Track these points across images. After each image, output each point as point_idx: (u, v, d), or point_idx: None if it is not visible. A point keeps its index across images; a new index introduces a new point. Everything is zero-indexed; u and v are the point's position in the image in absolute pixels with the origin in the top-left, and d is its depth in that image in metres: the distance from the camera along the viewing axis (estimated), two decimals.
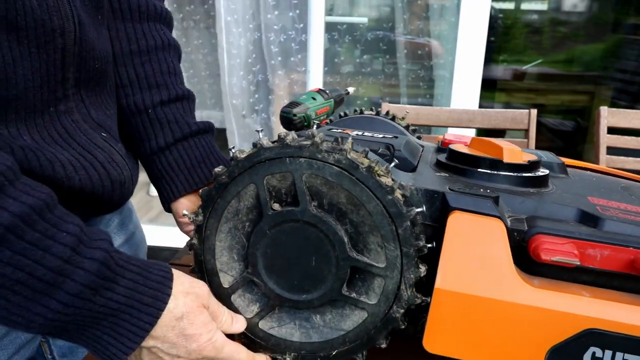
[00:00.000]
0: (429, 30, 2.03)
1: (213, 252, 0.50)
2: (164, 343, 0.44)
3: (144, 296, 0.43)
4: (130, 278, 0.43)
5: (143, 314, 0.42)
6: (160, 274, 0.45)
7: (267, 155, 0.45)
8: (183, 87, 0.71)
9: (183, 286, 0.46)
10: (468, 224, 0.41)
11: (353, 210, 0.45)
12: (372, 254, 0.45)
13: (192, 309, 0.45)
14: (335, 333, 0.48)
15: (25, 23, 0.44)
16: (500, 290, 0.38)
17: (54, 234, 0.39)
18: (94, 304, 0.40)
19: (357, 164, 0.43)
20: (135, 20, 0.66)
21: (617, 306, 0.37)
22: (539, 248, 0.39)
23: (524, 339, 0.38)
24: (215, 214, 0.48)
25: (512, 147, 0.51)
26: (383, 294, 0.45)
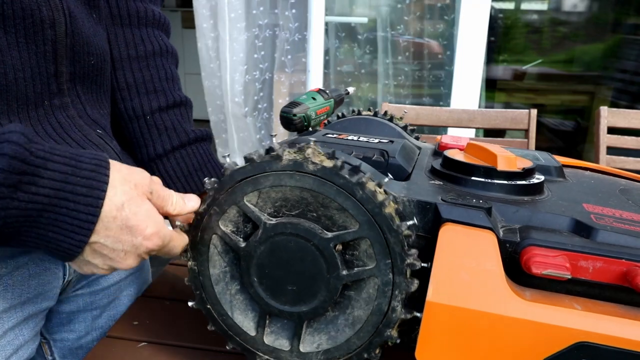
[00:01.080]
0: (429, 30, 2.02)
1: None
2: (107, 237, 0.42)
3: (76, 186, 0.40)
4: (55, 169, 0.39)
5: (81, 205, 0.40)
6: (93, 162, 0.42)
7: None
8: (181, 94, 0.72)
9: (120, 173, 0.43)
10: (460, 236, 0.41)
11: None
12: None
13: (132, 197, 0.42)
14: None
15: (13, 12, 0.45)
16: (492, 304, 0.38)
17: None
18: (19, 201, 0.38)
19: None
20: (133, 26, 0.66)
21: (608, 319, 0.37)
22: (530, 261, 0.39)
23: (515, 352, 0.38)
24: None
25: (506, 155, 0.51)
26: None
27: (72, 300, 0.67)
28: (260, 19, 2.06)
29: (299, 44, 2.06)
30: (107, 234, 0.42)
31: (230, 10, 2.02)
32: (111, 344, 0.58)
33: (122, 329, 0.62)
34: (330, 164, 0.43)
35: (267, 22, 2.07)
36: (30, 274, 0.56)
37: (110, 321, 0.70)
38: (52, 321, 0.67)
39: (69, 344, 0.69)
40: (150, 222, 0.43)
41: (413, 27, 2.02)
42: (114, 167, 0.43)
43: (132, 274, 0.74)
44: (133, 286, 0.74)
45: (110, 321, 0.70)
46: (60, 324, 0.68)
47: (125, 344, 0.58)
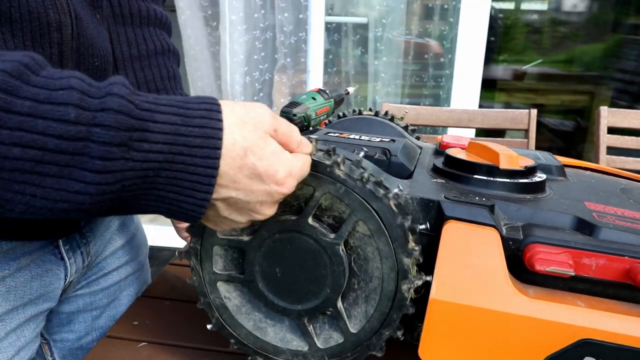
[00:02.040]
0: (428, 30, 2.02)
1: None
2: (238, 190, 0.38)
3: (189, 137, 0.35)
4: (164, 121, 0.35)
5: (197, 158, 0.36)
6: (202, 107, 0.37)
7: (347, 181, 0.44)
8: (182, 92, 0.72)
9: (235, 114, 0.38)
10: (463, 233, 0.41)
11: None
12: (353, 316, 0.47)
13: (254, 141, 0.37)
14: (276, 342, 0.49)
15: (20, 15, 0.44)
16: (495, 301, 0.38)
17: (48, 95, 0.32)
18: (134, 162, 0.34)
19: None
20: (135, 25, 0.66)
21: (612, 316, 0.37)
22: (534, 258, 0.39)
23: (519, 349, 0.38)
24: None
25: (508, 153, 0.51)
26: (331, 348, 0.47)
27: (72, 300, 0.66)
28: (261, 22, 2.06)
29: (296, 45, 2.06)
30: (236, 186, 0.37)
31: (231, 12, 2.02)
32: (111, 344, 0.58)
33: (122, 329, 0.61)
34: None
35: (267, 24, 2.07)
36: (33, 276, 0.56)
37: (110, 321, 0.70)
38: (52, 322, 0.67)
39: (69, 344, 0.68)
40: (280, 164, 0.38)
41: (413, 27, 2.02)
42: (227, 108, 0.38)
43: (132, 274, 0.74)
44: (133, 286, 0.74)
45: (110, 321, 0.70)
46: (60, 325, 0.67)
47: (125, 344, 0.58)
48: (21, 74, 0.32)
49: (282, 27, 2.03)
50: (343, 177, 0.43)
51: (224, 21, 2.03)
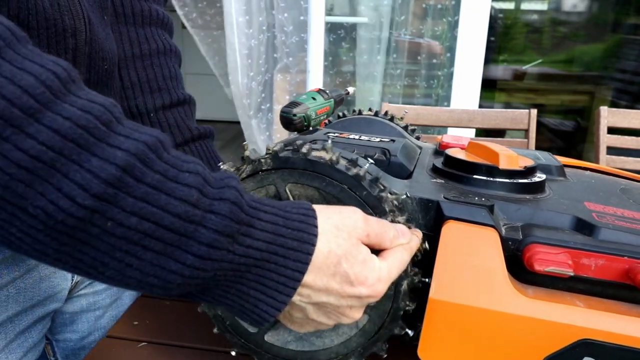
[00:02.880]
0: (429, 30, 2.02)
1: None
2: (330, 295, 0.38)
3: (287, 239, 0.36)
4: (267, 220, 0.36)
5: (290, 261, 0.36)
6: (301, 211, 0.38)
7: (297, 164, 0.44)
8: (184, 92, 0.72)
9: (331, 221, 0.39)
10: (462, 233, 0.41)
11: None
12: None
13: (348, 249, 0.38)
14: (330, 343, 0.48)
15: (37, 22, 0.44)
16: (494, 301, 0.38)
17: (176, 174, 0.33)
18: (234, 255, 0.34)
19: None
20: (137, 25, 0.67)
21: (611, 316, 0.37)
22: (533, 258, 0.39)
23: (518, 349, 0.38)
24: None
25: (508, 153, 0.51)
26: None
27: (75, 300, 0.67)
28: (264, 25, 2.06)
29: (297, 45, 2.06)
30: (328, 291, 0.38)
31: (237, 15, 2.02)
32: (111, 344, 0.58)
33: (122, 329, 0.61)
34: None
35: (268, 25, 2.07)
36: (41, 277, 0.56)
37: (113, 321, 0.70)
38: (55, 322, 0.67)
39: (72, 344, 0.69)
40: (369, 272, 0.39)
41: (413, 27, 2.03)
42: (322, 215, 0.39)
43: None
44: None
45: (113, 321, 0.70)
46: (63, 325, 0.68)
47: (125, 344, 0.58)
48: (157, 148, 0.33)
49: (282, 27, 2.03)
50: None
51: (231, 22, 2.03)
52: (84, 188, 0.29)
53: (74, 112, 0.29)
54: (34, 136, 0.28)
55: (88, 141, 0.30)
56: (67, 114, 0.29)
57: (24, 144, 0.28)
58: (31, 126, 0.28)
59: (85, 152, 0.29)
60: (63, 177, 0.29)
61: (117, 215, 0.30)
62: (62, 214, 0.29)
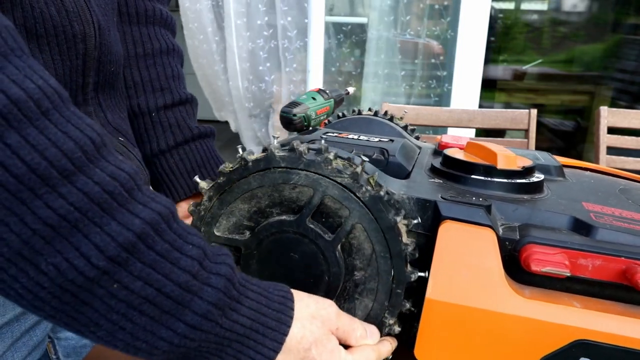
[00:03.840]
0: (428, 30, 2.02)
1: None
2: None
3: (268, 319, 0.39)
4: (253, 298, 0.39)
5: (267, 340, 0.39)
6: (281, 294, 0.41)
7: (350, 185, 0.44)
8: (186, 92, 0.72)
9: (308, 309, 0.42)
10: (459, 233, 0.41)
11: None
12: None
13: (319, 337, 0.41)
14: None
15: (45, 30, 0.44)
16: (491, 301, 0.38)
17: (181, 245, 0.35)
18: (220, 327, 0.36)
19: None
20: (141, 24, 0.67)
21: (607, 317, 0.37)
22: (530, 258, 0.39)
23: (514, 349, 0.38)
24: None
25: (506, 153, 0.51)
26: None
27: None
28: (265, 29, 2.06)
29: (298, 47, 2.06)
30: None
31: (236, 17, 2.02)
32: None
33: None
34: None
35: (268, 22, 2.07)
36: None
37: None
38: None
39: (73, 342, 0.69)
40: (333, 359, 0.42)
41: (413, 27, 2.03)
42: (301, 302, 0.42)
43: None
44: None
45: None
46: None
47: None
48: (168, 219, 0.35)
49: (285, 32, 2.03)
50: (345, 182, 0.43)
51: (230, 26, 2.03)
52: (101, 249, 0.30)
53: (103, 177, 0.31)
54: (64, 196, 0.29)
55: (112, 206, 0.31)
56: (97, 178, 0.31)
57: (55, 203, 0.29)
58: (64, 187, 0.29)
59: (107, 215, 0.31)
60: (83, 237, 0.30)
61: (125, 279, 0.32)
62: (73, 272, 0.30)
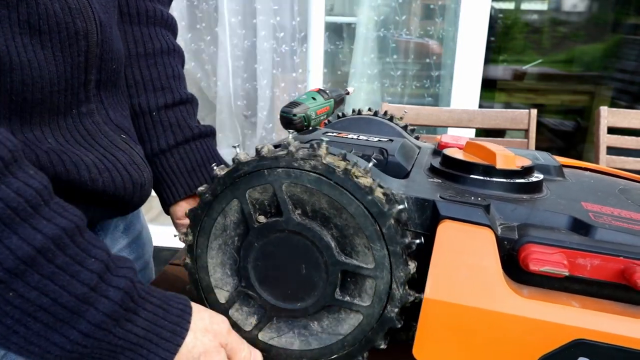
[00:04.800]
0: (428, 30, 2.02)
1: (206, 269, 0.50)
2: None
3: (163, 330, 0.41)
4: (151, 310, 0.41)
5: (160, 349, 0.41)
6: (180, 307, 0.44)
7: (245, 169, 0.45)
8: (186, 91, 0.73)
9: (203, 322, 0.45)
10: (458, 233, 0.41)
11: (336, 215, 0.45)
12: (360, 256, 0.45)
13: (209, 349, 0.44)
14: (334, 338, 0.48)
15: (48, 27, 0.45)
16: (489, 301, 0.38)
17: (83, 259, 0.37)
18: (114, 336, 0.38)
19: (334, 168, 0.43)
20: (142, 24, 0.67)
21: (606, 317, 0.37)
22: (528, 258, 0.39)
23: (513, 349, 0.38)
24: (203, 232, 0.49)
25: (505, 153, 0.51)
26: (376, 295, 0.45)
27: None
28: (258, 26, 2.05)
29: (292, 48, 2.05)
30: None
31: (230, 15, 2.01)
32: None
33: None
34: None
35: (263, 27, 2.06)
36: None
37: None
38: None
39: None
40: None
41: (413, 27, 2.03)
42: (197, 315, 0.44)
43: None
44: None
45: None
46: None
47: None
48: (73, 233, 0.37)
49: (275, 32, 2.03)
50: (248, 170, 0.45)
51: (223, 23, 2.02)
52: None
53: (8, 193, 0.33)
54: None
55: (14, 221, 0.33)
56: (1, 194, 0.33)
57: None
58: None
59: (8, 230, 0.33)
60: None
61: (21, 289, 0.34)
62: None
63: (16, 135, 0.45)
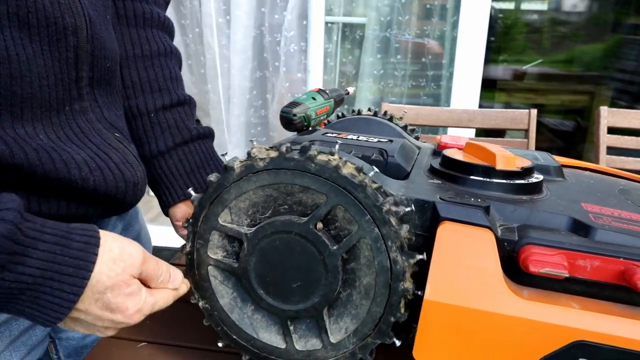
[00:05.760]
0: (428, 30, 2.02)
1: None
2: (88, 315, 0.42)
3: (63, 266, 0.39)
4: (44, 249, 0.39)
5: (65, 285, 0.39)
6: (83, 239, 0.41)
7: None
8: (184, 93, 0.73)
9: (112, 253, 0.42)
10: (458, 234, 0.41)
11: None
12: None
13: (117, 282, 0.42)
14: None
15: (37, 20, 0.45)
16: (489, 302, 0.38)
17: None
18: (3, 281, 0.37)
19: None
20: (139, 26, 0.68)
21: (606, 318, 0.37)
22: (528, 259, 0.39)
23: (513, 351, 0.38)
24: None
25: (505, 154, 0.51)
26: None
27: None
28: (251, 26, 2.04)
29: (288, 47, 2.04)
30: (87, 312, 0.42)
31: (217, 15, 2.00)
32: (111, 344, 0.58)
33: (122, 329, 0.61)
34: (276, 154, 0.44)
35: (256, 26, 2.05)
36: None
37: None
38: None
39: (74, 342, 0.69)
40: (131, 302, 0.43)
41: (413, 27, 2.02)
42: (104, 246, 0.42)
43: None
44: None
45: None
46: None
47: (125, 344, 0.58)
48: None
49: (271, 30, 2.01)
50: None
51: (210, 24, 2.00)
52: None
53: None
54: None
55: None
56: None
57: None
58: None
59: None
60: None
61: None
62: None
63: (6, 131, 0.45)
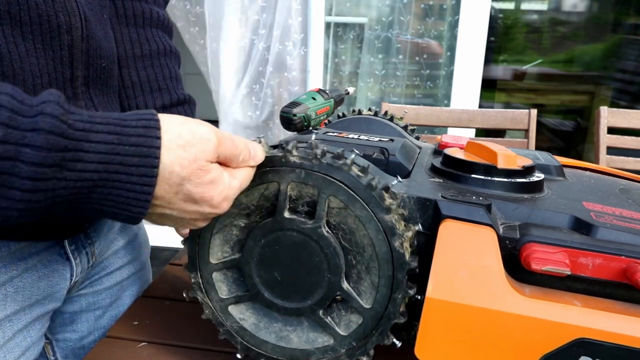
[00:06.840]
0: (429, 30, 2.02)
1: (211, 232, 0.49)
2: (172, 210, 0.39)
3: (126, 157, 0.36)
4: (99, 140, 0.35)
5: (134, 177, 0.36)
6: (140, 124, 0.37)
7: (304, 164, 0.45)
8: (184, 92, 0.73)
9: (180, 139, 0.38)
10: (460, 232, 0.41)
11: (356, 243, 0.46)
12: (362, 292, 0.46)
13: (194, 171, 0.38)
14: (302, 345, 0.49)
15: (30, 18, 0.44)
16: (491, 300, 0.38)
17: None
18: (67, 181, 0.34)
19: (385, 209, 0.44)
20: (139, 26, 0.67)
21: (608, 316, 0.37)
22: (530, 257, 0.39)
23: (515, 348, 0.38)
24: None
25: (506, 153, 0.51)
26: (354, 331, 0.47)
27: (75, 300, 0.67)
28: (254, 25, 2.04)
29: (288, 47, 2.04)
30: (170, 206, 0.39)
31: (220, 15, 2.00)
32: (111, 344, 0.58)
33: (122, 329, 0.62)
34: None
35: (258, 26, 2.05)
36: (40, 276, 0.56)
37: (113, 321, 0.70)
38: (55, 321, 0.67)
39: (72, 344, 0.69)
40: (215, 191, 0.39)
41: (413, 27, 2.03)
42: (170, 132, 0.37)
43: (134, 273, 0.74)
44: (135, 286, 0.74)
45: (113, 321, 0.70)
46: (63, 324, 0.68)
47: (125, 344, 0.58)
48: None
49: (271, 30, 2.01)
50: (299, 162, 0.44)
51: (212, 24, 2.00)
52: None
53: None
54: None
55: None
56: None
57: None
58: None
59: None
60: None
61: None
62: None
63: None
